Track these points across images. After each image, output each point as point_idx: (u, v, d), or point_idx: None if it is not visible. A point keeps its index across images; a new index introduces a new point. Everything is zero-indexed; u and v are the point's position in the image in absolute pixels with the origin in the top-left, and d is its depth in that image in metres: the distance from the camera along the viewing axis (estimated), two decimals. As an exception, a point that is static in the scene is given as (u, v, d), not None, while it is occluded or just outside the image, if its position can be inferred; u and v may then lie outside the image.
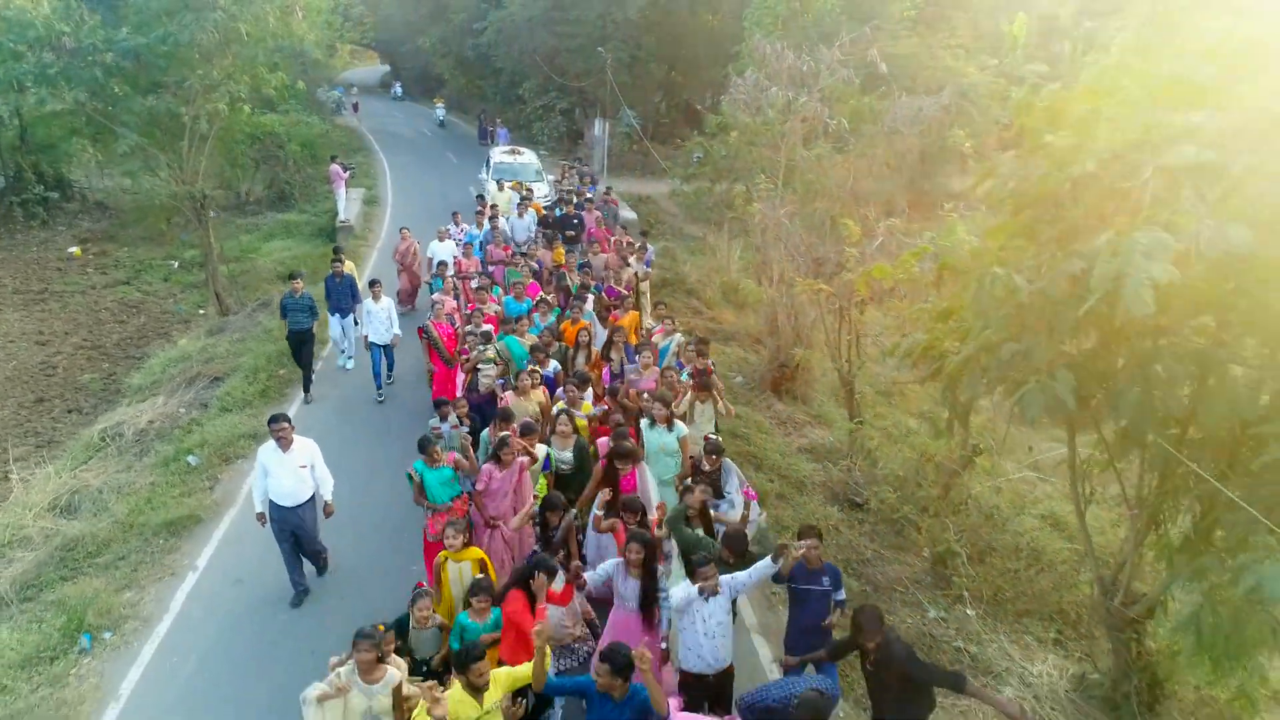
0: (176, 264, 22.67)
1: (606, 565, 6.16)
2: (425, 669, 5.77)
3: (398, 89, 55.74)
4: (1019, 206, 5.25)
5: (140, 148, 15.68)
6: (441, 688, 4.71)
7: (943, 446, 8.53)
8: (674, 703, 4.92)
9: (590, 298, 11.28)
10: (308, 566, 7.98)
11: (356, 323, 12.74)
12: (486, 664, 4.78)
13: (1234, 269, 4.59)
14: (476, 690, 4.73)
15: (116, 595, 7.84)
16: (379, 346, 11.92)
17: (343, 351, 13.18)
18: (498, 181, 20.28)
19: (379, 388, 12.17)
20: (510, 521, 7.11)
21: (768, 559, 5.72)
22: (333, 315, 12.71)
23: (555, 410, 8.07)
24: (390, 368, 12.37)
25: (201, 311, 18.95)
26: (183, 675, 6.93)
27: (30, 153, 24.93)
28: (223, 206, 25.64)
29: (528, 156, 23.99)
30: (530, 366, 9.05)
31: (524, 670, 4.93)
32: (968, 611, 8.62)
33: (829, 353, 11.31)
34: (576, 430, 7.95)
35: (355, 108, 43.40)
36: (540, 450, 7.64)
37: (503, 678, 4.92)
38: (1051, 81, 5.66)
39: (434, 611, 5.90)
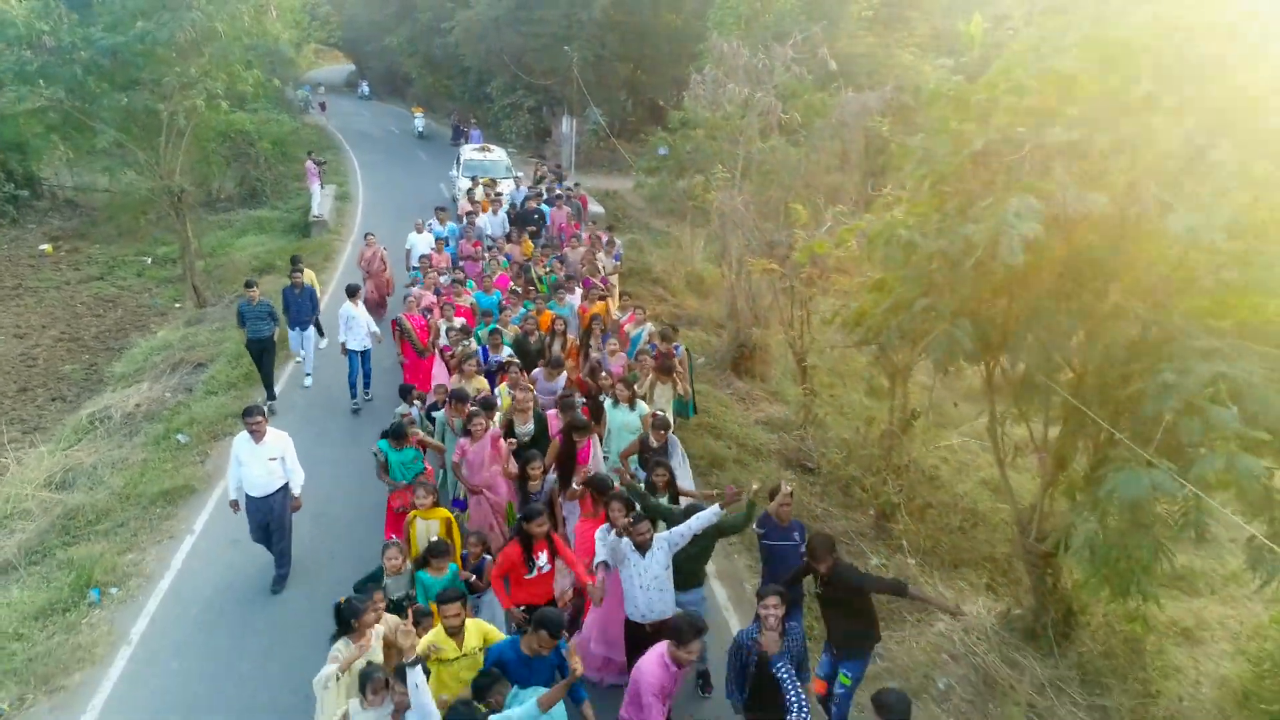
0: (150, 260, 22.97)
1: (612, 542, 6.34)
2: (400, 610, 6.22)
3: (364, 88, 55.87)
4: (929, 182, 6.07)
5: (118, 144, 16.07)
6: (413, 625, 5.27)
7: (883, 408, 9.33)
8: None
9: (578, 290, 11.92)
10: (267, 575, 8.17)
11: (323, 334, 12.63)
12: (459, 606, 5.32)
13: (1106, 230, 5.45)
14: (454, 632, 5.27)
15: (120, 557, 8.41)
16: (356, 353, 11.63)
17: (299, 362, 12.74)
18: (472, 178, 20.92)
19: (354, 396, 11.90)
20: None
21: (711, 508, 6.20)
22: (291, 329, 12.15)
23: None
24: (367, 381, 11.99)
25: (178, 305, 19.34)
26: (187, 622, 7.55)
27: (-1, 151, 25.05)
28: (195, 203, 25.92)
29: (497, 154, 24.63)
30: (509, 357, 9.70)
31: (496, 632, 5.51)
32: (908, 560, 9.47)
33: (784, 332, 12.12)
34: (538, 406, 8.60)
35: (323, 107, 43.63)
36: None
37: (480, 628, 5.49)
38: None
39: (404, 561, 6.36)
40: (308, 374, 12.58)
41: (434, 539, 6.50)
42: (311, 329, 12.31)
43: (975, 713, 7.21)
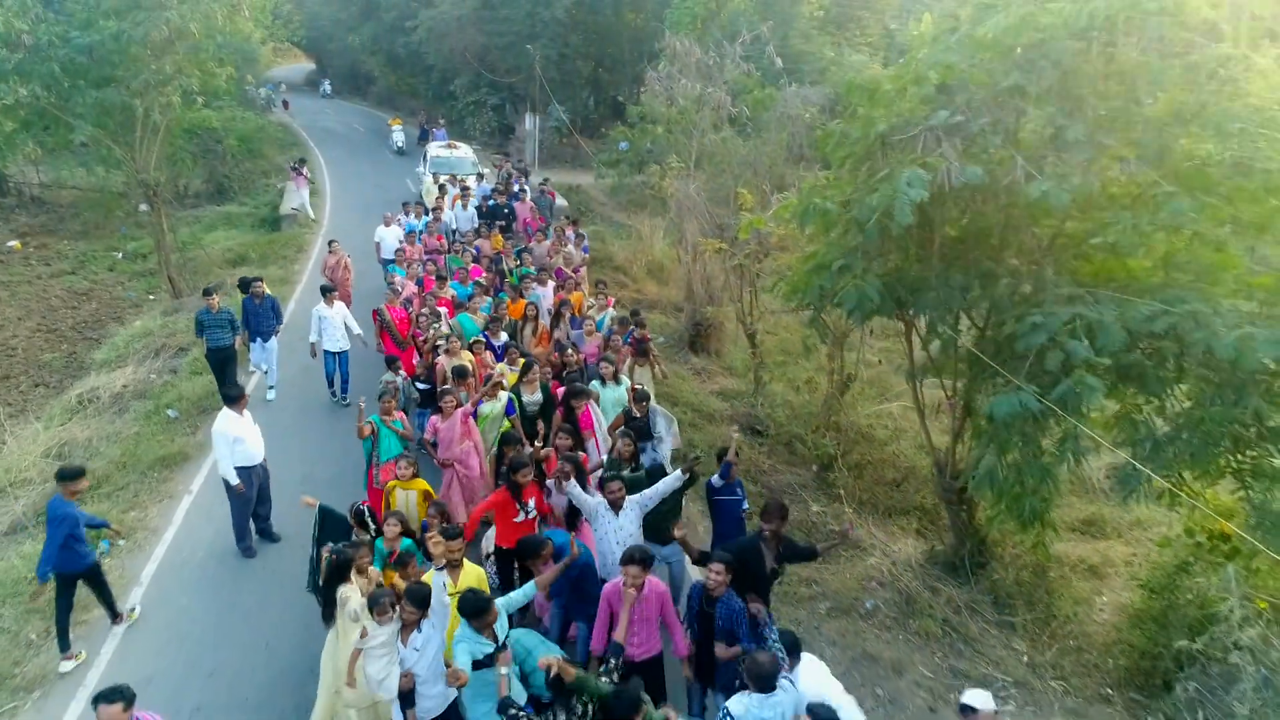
0: (121, 255, 23.35)
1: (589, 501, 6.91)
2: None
3: (326, 87, 55.98)
4: (848, 163, 7.07)
5: (95, 139, 16.58)
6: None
7: (823, 374, 10.35)
8: None
9: (551, 283, 12.70)
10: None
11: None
12: (460, 541, 6.03)
13: (995, 204, 6.49)
14: (453, 568, 6.01)
15: (124, 514, 9.14)
16: (333, 354, 11.69)
17: (258, 371, 12.58)
18: (433, 175, 21.66)
19: (330, 385, 12.05)
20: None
21: (675, 473, 6.89)
22: (253, 341, 11.85)
23: (496, 372, 9.48)
24: (345, 383, 12.01)
25: (151, 297, 19.83)
26: (192, 566, 8.34)
27: (-37, 149, 25.19)
28: (168, 198, 26.32)
29: (463, 151, 25.38)
30: (507, 341, 10.51)
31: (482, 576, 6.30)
32: (845, 509, 10.50)
33: (735, 310, 13.12)
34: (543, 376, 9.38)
35: (286, 105, 43.88)
36: (502, 396, 8.83)
37: (475, 572, 6.17)
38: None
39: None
40: (271, 386, 12.30)
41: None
42: (274, 341, 12.03)
43: (897, 627, 8.25)
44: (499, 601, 5.50)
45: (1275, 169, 5.56)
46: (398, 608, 5.54)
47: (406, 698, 5.48)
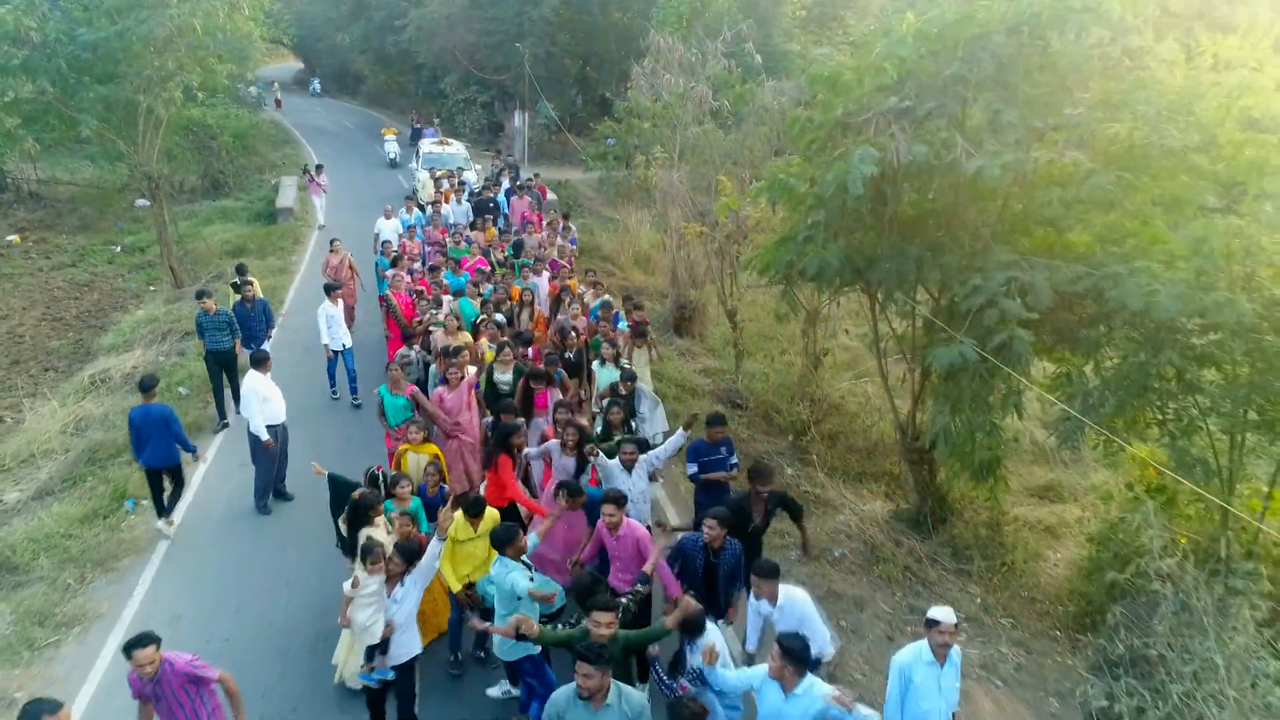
0: (119, 248, 23.90)
1: (547, 445, 7.94)
2: None
3: (316, 85, 56.56)
4: (814, 146, 7.83)
5: (99, 133, 17.18)
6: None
7: (798, 348, 11.10)
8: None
9: (545, 273, 13.36)
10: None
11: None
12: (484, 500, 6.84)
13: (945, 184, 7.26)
14: (473, 518, 6.62)
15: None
16: (336, 352, 11.81)
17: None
18: (429, 170, 22.35)
19: (332, 383, 12.26)
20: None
21: (678, 433, 7.57)
22: (246, 347, 11.38)
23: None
24: (353, 381, 11.99)
25: (152, 288, 20.40)
26: (213, 521, 9.07)
27: (-38, 147, 25.67)
28: (171, 190, 26.90)
29: (455, 147, 26.11)
30: (483, 316, 11.19)
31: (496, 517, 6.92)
32: (818, 474, 11.26)
33: (716, 292, 13.87)
34: (516, 358, 10.08)
35: (278, 103, 44.41)
36: (470, 370, 9.36)
37: (491, 516, 6.73)
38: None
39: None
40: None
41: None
42: (266, 346, 11.67)
43: (862, 572, 9.02)
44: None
45: (1179, 149, 6.34)
46: (390, 559, 6.00)
47: (381, 643, 5.94)
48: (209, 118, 27.27)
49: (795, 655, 4.81)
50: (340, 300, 11.94)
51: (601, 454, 7.40)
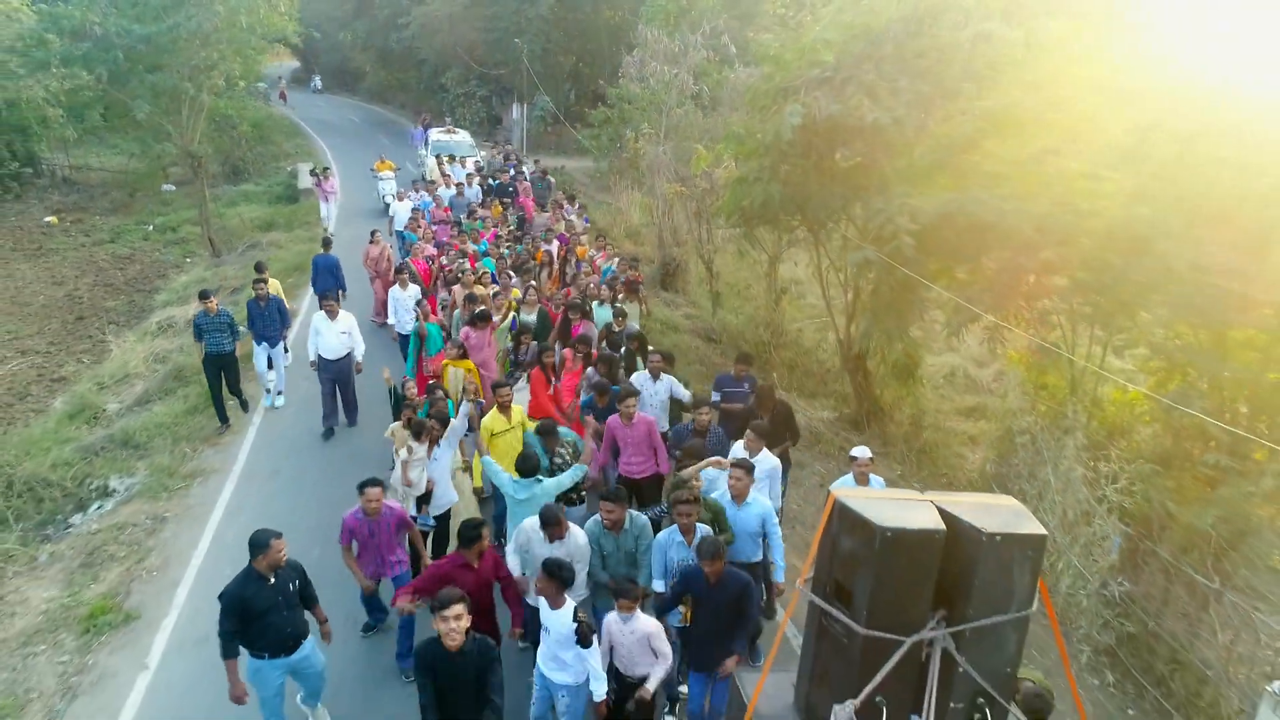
0: (151, 227, 26.04)
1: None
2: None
3: (317, 82, 58.49)
4: (759, 108, 10.16)
5: (151, 116, 19.41)
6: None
7: (761, 287, 13.41)
8: None
9: (555, 244, 15.50)
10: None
11: (286, 350, 11.92)
12: (508, 388, 8.76)
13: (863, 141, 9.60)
14: (504, 409, 8.54)
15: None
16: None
17: (267, 391, 11.84)
18: (437, 157, 24.60)
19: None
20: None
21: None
22: (258, 344, 11.38)
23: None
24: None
25: (189, 260, 22.59)
26: (281, 441, 11.04)
27: (3, 133, 27.77)
28: (179, 181, 29.07)
29: (462, 135, 28.40)
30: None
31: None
32: (779, 393, 13.57)
33: (695, 249, 16.20)
34: (540, 300, 12.22)
35: (284, 97, 46.55)
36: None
37: (520, 410, 8.87)
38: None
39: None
40: (279, 392, 11.86)
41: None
42: (281, 345, 11.61)
43: (806, 450, 11.33)
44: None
45: (1029, 109, 8.67)
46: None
47: (426, 496, 7.53)
48: (229, 108, 29.40)
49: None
50: (410, 284, 12.34)
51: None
